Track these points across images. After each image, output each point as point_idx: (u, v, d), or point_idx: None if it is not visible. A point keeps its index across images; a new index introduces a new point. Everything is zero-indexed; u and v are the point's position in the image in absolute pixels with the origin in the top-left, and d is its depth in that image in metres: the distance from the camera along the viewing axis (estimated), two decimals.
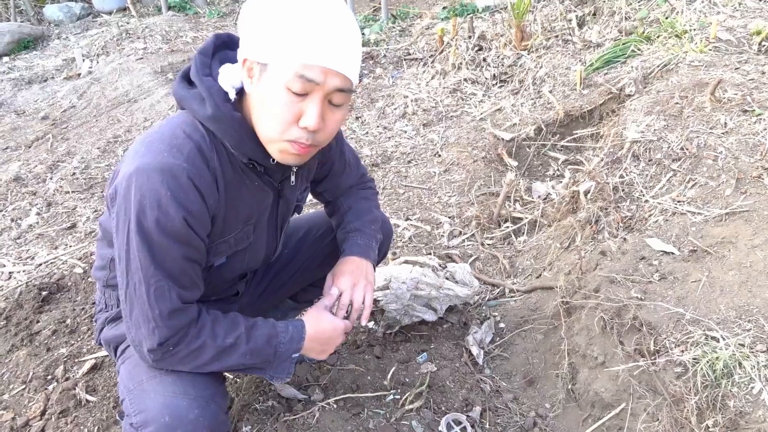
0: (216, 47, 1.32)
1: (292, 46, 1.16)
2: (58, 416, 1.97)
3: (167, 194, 1.18)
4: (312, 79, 1.18)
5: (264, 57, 1.18)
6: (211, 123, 1.25)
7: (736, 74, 2.85)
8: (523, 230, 2.88)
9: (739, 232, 1.99)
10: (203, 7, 7.21)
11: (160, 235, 1.20)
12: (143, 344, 1.28)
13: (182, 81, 1.30)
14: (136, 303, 1.25)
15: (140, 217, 1.19)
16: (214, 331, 1.33)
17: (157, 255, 1.22)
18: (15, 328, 2.39)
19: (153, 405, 1.31)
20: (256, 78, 1.21)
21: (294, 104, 1.20)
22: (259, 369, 1.41)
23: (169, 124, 1.29)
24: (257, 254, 1.56)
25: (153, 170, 1.18)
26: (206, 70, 1.28)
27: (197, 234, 1.26)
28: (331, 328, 1.51)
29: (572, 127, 3.39)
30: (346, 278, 1.62)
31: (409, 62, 4.71)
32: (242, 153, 1.30)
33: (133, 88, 4.88)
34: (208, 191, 1.25)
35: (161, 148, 1.22)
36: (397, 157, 3.57)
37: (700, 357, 1.61)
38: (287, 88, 1.19)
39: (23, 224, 3.22)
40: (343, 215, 1.78)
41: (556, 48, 4.08)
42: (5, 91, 5.38)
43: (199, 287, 1.34)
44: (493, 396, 2.01)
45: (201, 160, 1.24)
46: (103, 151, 4.01)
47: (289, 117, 1.22)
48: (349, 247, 1.70)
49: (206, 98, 1.24)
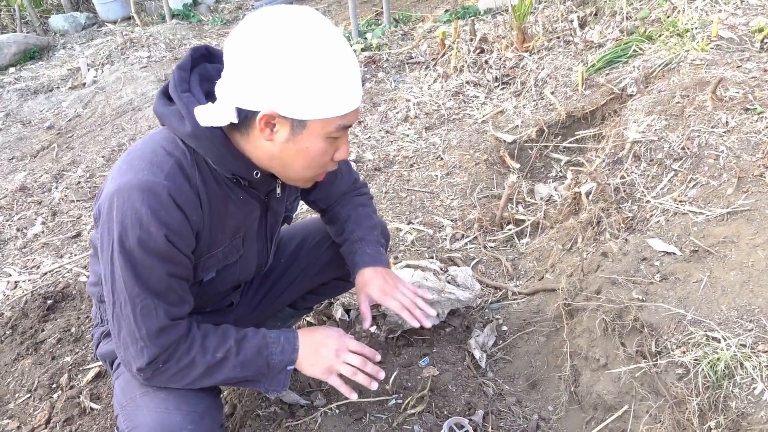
0: (194, 61, 1.31)
1: (334, 104, 1.20)
2: (62, 424, 1.99)
3: (148, 212, 1.18)
4: (350, 124, 1.26)
5: (302, 115, 1.19)
6: (191, 140, 1.24)
7: (737, 72, 2.84)
8: (525, 232, 2.87)
9: (741, 232, 1.98)
10: (207, 15, 7.26)
11: (143, 254, 1.20)
12: (132, 364, 1.28)
13: (162, 97, 1.29)
14: (123, 323, 1.25)
15: (122, 236, 1.19)
16: (204, 346, 1.32)
17: (141, 274, 1.22)
18: (20, 336, 2.41)
19: (146, 421, 1.31)
20: (285, 132, 1.22)
21: (331, 147, 1.28)
22: (253, 382, 1.41)
23: (150, 141, 1.28)
24: (248, 266, 1.56)
25: (133, 189, 1.19)
26: (185, 85, 1.26)
27: (180, 251, 1.26)
28: (324, 334, 1.48)
29: (574, 128, 3.38)
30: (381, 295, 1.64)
31: (412, 66, 4.72)
32: (225, 169, 1.30)
33: (137, 97, 4.91)
34: (190, 208, 1.25)
35: (141, 165, 1.22)
36: (400, 160, 3.58)
37: (701, 358, 1.60)
38: (328, 137, 1.25)
39: (29, 233, 3.25)
40: (344, 224, 1.78)
41: (558, 49, 4.08)
42: (11, 101, 5.43)
43: (188, 302, 1.34)
44: (496, 399, 2.01)
45: (182, 177, 1.24)
46: (107, 159, 4.04)
47: (328, 160, 1.30)
48: (362, 259, 1.70)
49: (185, 115, 1.22)
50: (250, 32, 1.16)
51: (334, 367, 1.46)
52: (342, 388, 1.48)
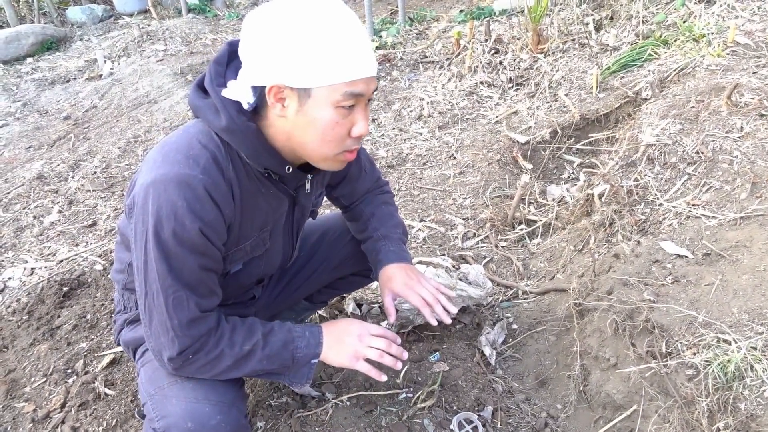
0: (230, 55, 1.32)
1: (337, 68, 1.18)
2: (77, 409, 2.02)
3: (183, 205, 1.20)
4: (360, 92, 1.23)
5: (306, 83, 1.19)
6: (225, 134, 1.26)
7: (753, 78, 2.84)
8: (537, 233, 2.89)
9: (754, 236, 1.99)
10: (222, 9, 7.30)
11: (177, 246, 1.22)
12: (163, 353, 1.30)
13: (197, 90, 1.31)
14: (155, 313, 1.27)
15: (157, 228, 1.21)
16: (233, 339, 1.34)
17: (174, 266, 1.24)
18: (37, 322, 2.45)
19: (175, 410, 1.33)
20: (294, 104, 1.22)
21: (345, 119, 1.25)
22: (278, 374, 1.43)
23: (185, 134, 1.30)
24: (273, 260, 1.57)
25: (169, 181, 1.20)
26: (220, 79, 1.28)
27: (213, 244, 1.27)
28: (346, 323, 1.50)
29: (588, 130, 3.39)
30: (404, 288, 1.66)
31: (426, 65, 4.74)
32: (258, 163, 1.31)
33: (153, 89, 4.95)
34: (223, 201, 1.26)
35: (177, 158, 1.23)
36: (413, 159, 3.60)
37: (711, 359, 1.62)
38: (338, 107, 1.22)
39: (45, 222, 3.29)
40: (367, 222, 1.79)
41: (573, 51, 4.08)
42: (29, 91, 5.49)
43: (217, 295, 1.36)
44: (505, 396, 2.03)
45: (216, 171, 1.25)
46: (123, 150, 4.08)
47: (344, 133, 1.27)
48: (386, 257, 1.71)
49: (220, 109, 1.24)
50: (260, 12, 1.21)
51: (359, 352, 1.46)
52: (372, 372, 1.48)
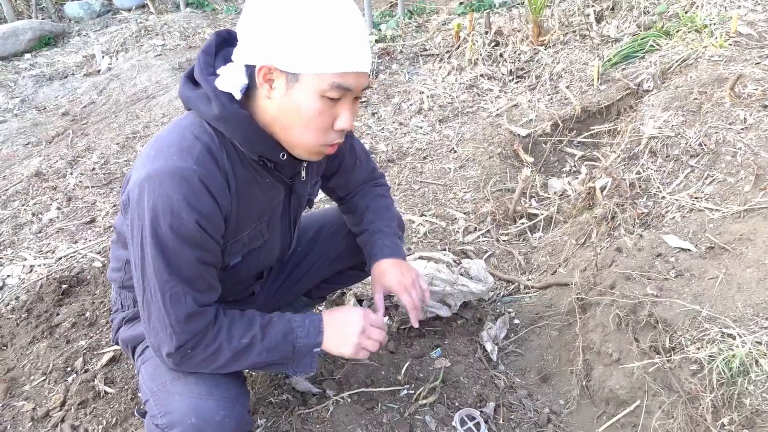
0: (218, 45, 1.32)
1: (328, 58, 1.18)
2: (77, 407, 2.01)
3: (179, 199, 1.19)
4: (348, 86, 1.22)
5: (295, 67, 1.19)
6: (218, 123, 1.25)
7: (756, 69, 2.81)
8: (538, 226, 2.87)
9: (758, 229, 1.96)
10: (221, 3, 7.26)
11: (174, 241, 1.21)
12: (162, 348, 1.30)
13: (187, 81, 1.30)
14: (153, 309, 1.27)
15: (154, 223, 1.20)
16: (230, 333, 1.33)
17: (171, 261, 1.23)
18: (36, 320, 2.43)
19: (178, 407, 1.32)
20: (281, 87, 1.21)
21: (329, 110, 1.24)
22: (280, 365, 1.42)
23: (177, 127, 1.29)
24: (272, 251, 1.56)
25: (164, 175, 1.19)
26: (210, 69, 1.28)
27: (211, 236, 1.27)
28: (346, 312, 1.48)
29: (589, 122, 3.37)
30: (397, 285, 1.64)
31: (426, 58, 4.70)
32: (252, 151, 1.31)
33: (152, 85, 4.92)
34: (220, 192, 1.26)
35: (171, 152, 1.22)
36: (413, 153, 3.57)
37: (716, 354, 1.60)
38: (323, 97, 1.22)
39: (44, 218, 3.27)
40: (362, 215, 1.78)
41: (574, 43, 4.05)
42: (27, 87, 5.46)
43: (216, 289, 1.35)
44: (507, 392, 2.01)
45: (211, 162, 1.25)
46: (122, 146, 4.05)
47: (327, 124, 1.26)
48: (380, 251, 1.70)
49: (212, 98, 1.23)
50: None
51: (362, 344, 1.46)
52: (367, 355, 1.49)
